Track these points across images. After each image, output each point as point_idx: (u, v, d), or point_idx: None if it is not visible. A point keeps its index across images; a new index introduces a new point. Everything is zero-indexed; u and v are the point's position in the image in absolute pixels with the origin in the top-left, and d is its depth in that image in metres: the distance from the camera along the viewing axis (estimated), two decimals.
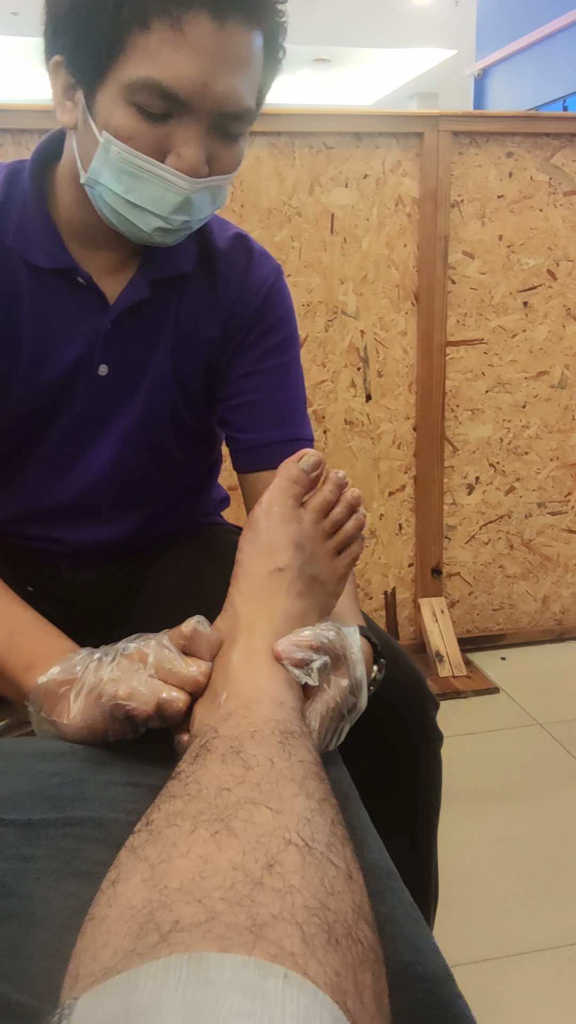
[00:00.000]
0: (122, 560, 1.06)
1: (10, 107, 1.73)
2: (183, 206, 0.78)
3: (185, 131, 0.75)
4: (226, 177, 0.80)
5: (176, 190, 0.77)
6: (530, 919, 1.32)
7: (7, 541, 1.02)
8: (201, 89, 0.72)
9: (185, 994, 0.33)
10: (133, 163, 0.75)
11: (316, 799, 0.49)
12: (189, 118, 0.74)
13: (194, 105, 0.73)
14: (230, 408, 0.97)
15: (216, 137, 0.77)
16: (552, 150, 2.01)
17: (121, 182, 0.77)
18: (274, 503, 0.73)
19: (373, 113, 1.96)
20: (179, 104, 0.73)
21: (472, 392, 2.11)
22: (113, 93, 0.73)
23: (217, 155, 0.78)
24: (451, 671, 2.09)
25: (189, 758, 0.53)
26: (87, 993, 0.36)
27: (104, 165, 0.77)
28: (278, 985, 0.34)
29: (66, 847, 0.54)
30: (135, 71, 0.71)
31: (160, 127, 0.74)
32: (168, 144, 0.75)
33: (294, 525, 0.72)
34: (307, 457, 0.74)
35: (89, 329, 0.89)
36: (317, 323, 1.98)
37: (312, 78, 10.46)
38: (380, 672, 0.75)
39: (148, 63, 0.71)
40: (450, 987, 0.49)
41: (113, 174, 0.77)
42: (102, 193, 0.80)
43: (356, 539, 0.77)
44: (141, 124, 0.74)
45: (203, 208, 0.81)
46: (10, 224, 0.86)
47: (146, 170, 0.76)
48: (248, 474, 0.97)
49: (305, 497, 0.75)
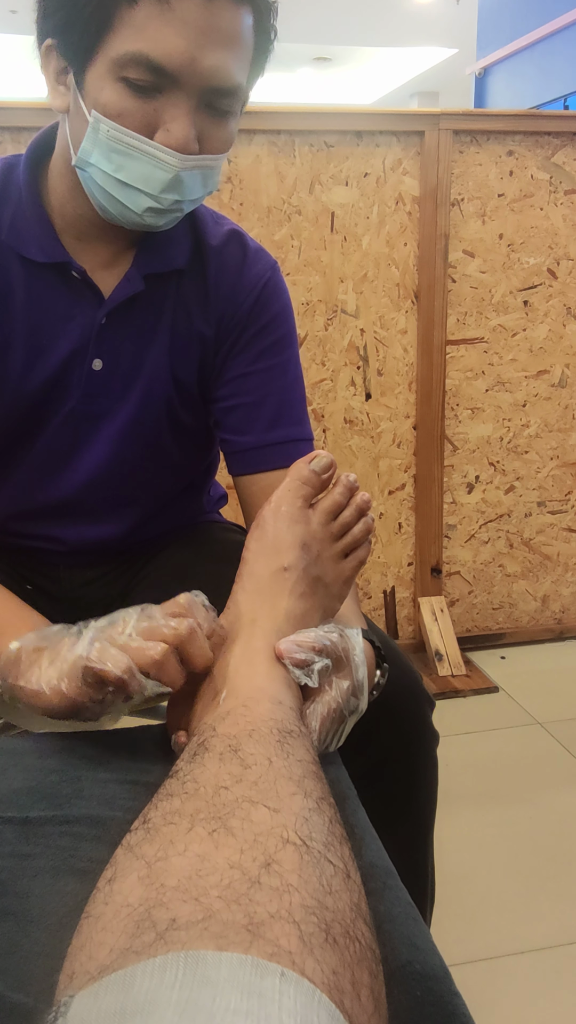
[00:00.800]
0: (120, 558, 1.06)
1: (8, 105, 1.73)
2: (173, 184, 0.78)
3: (174, 107, 0.74)
4: (216, 157, 0.80)
5: (165, 167, 0.76)
6: (528, 918, 1.32)
7: (5, 540, 1.02)
8: (189, 63, 0.72)
9: (182, 992, 0.33)
10: (122, 140, 0.75)
11: (314, 798, 0.48)
12: (178, 93, 0.74)
13: (182, 79, 0.73)
14: (226, 410, 0.96)
15: (206, 114, 0.77)
16: (553, 149, 2.01)
17: (111, 161, 0.77)
18: (283, 502, 0.73)
19: (374, 112, 1.96)
20: (167, 78, 0.72)
21: (472, 391, 2.11)
22: (102, 70, 0.74)
23: (207, 133, 0.78)
24: (450, 670, 2.09)
25: (187, 756, 0.53)
26: (83, 991, 0.35)
27: (94, 145, 0.77)
28: (275, 983, 0.34)
29: (63, 845, 0.54)
30: (123, 45, 0.71)
31: (149, 103, 0.74)
32: (157, 120, 0.75)
33: (302, 526, 0.72)
34: (319, 459, 0.74)
35: (83, 323, 0.88)
36: (317, 322, 1.98)
37: (312, 77, 10.45)
38: (383, 676, 0.75)
39: (136, 37, 0.71)
40: (448, 985, 0.48)
41: (103, 153, 0.77)
42: (93, 175, 0.79)
43: (363, 543, 0.77)
44: (130, 100, 0.74)
45: (194, 188, 0.80)
46: (4, 218, 0.86)
47: (135, 147, 0.75)
48: (245, 477, 0.95)
49: (315, 499, 0.74)
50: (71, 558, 1.03)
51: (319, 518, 0.73)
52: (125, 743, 0.67)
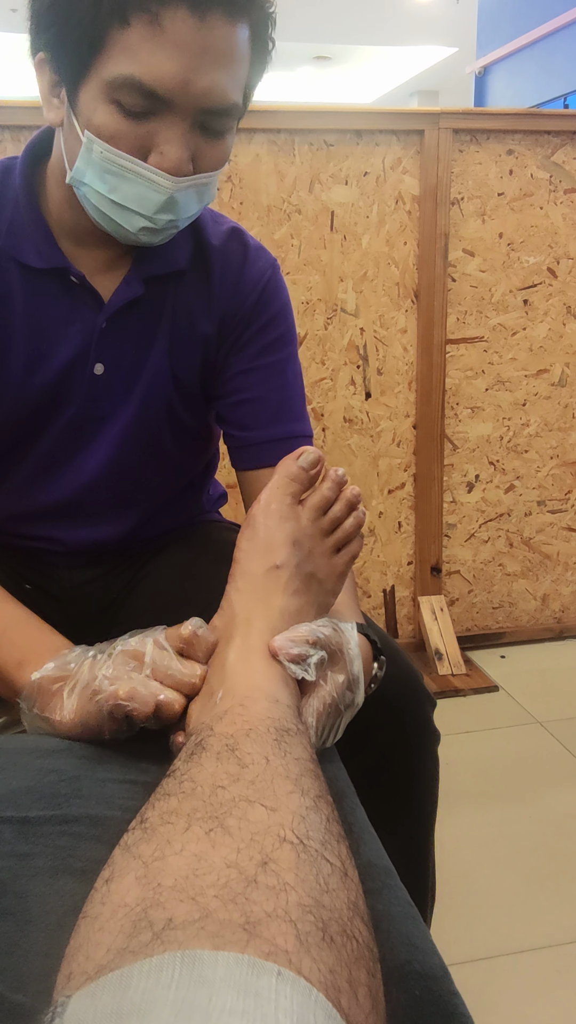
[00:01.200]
0: (119, 558, 1.06)
1: (8, 103, 1.73)
2: (167, 205, 0.77)
3: (167, 129, 0.73)
4: (211, 175, 0.79)
5: (159, 189, 0.75)
6: (528, 917, 1.32)
7: (5, 540, 1.02)
8: (182, 86, 0.70)
9: (178, 992, 0.33)
10: (116, 163, 0.74)
11: (311, 797, 0.48)
12: (171, 116, 0.73)
13: (175, 102, 0.71)
14: (228, 406, 0.97)
15: (200, 134, 0.76)
16: (553, 148, 2.01)
17: (105, 182, 0.76)
18: (272, 500, 0.73)
19: (373, 110, 1.96)
20: (160, 102, 0.71)
21: (472, 390, 2.11)
22: (95, 91, 0.72)
23: (202, 152, 0.77)
24: (450, 669, 2.09)
25: (184, 756, 0.53)
26: (80, 991, 0.35)
27: (88, 165, 0.76)
28: (271, 983, 0.34)
29: (62, 845, 0.54)
30: (115, 68, 0.70)
31: (142, 125, 0.73)
32: (151, 142, 0.74)
33: (292, 522, 0.72)
34: (306, 454, 0.74)
35: (83, 328, 0.88)
36: (317, 321, 1.98)
37: (312, 76, 10.45)
38: (381, 669, 0.75)
39: (128, 60, 0.69)
40: (447, 985, 0.48)
41: (97, 174, 0.76)
42: (87, 193, 0.79)
43: (355, 537, 0.76)
44: (123, 123, 0.73)
45: (189, 207, 0.80)
46: (1, 223, 0.85)
47: (129, 169, 0.75)
48: (247, 472, 0.97)
49: (304, 495, 0.74)
50: (70, 558, 1.03)
51: (309, 514, 0.73)
52: (123, 743, 0.67)
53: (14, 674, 0.71)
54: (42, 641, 0.74)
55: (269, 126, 1.85)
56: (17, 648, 0.73)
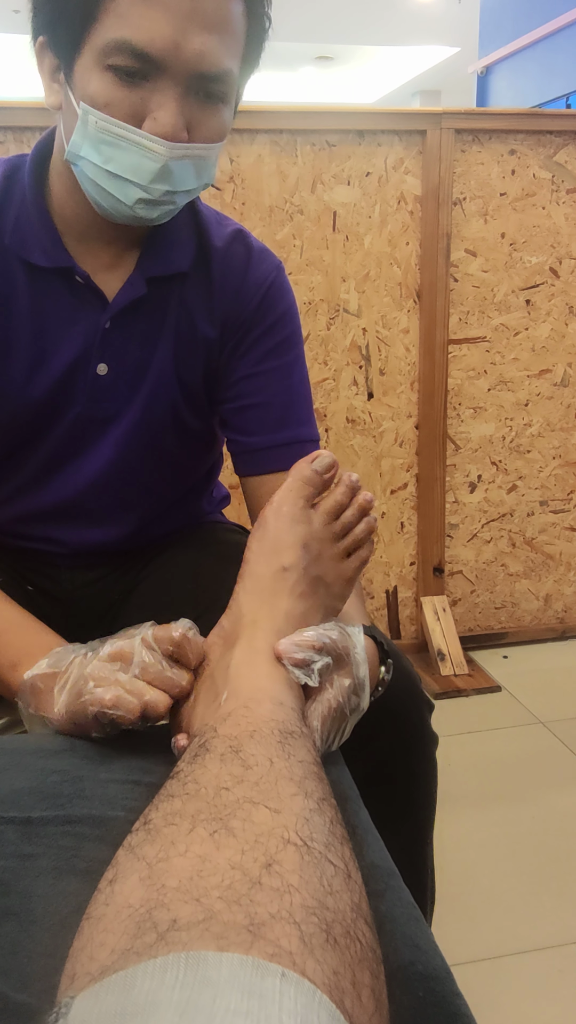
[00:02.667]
0: (122, 560, 1.05)
1: (11, 105, 1.73)
2: (162, 174, 0.77)
3: (161, 94, 0.73)
4: (208, 147, 0.78)
5: (154, 156, 0.75)
6: (531, 918, 1.32)
7: (7, 541, 1.02)
8: (173, 48, 0.71)
9: (182, 993, 0.33)
10: (110, 131, 0.75)
11: (315, 799, 0.48)
12: (164, 80, 0.73)
13: (167, 65, 0.72)
14: (232, 411, 0.96)
15: (195, 101, 0.76)
16: (555, 148, 2.01)
17: (100, 152, 0.76)
18: (284, 502, 0.73)
19: (375, 111, 1.96)
20: (152, 64, 0.72)
21: (474, 390, 2.11)
22: (89, 61, 0.73)
23: (197, 121, 0.76)
24: (453, 670, 2.09)
25: (188, 757, 0.53)
26: (84, 992, 0.36)
27: (84, 137, 0.76)
28: (275, 984, 0.34)
29: (65, 845, 0.54)
30: (108, 33, 0.71)
31: (136, 91, 0.73)
32: (144, 109, 0.74)
33: (303, 525, 0.72)
34: (321, 458, 0.74)
35: (87, 328, 0.88)
36: (319, 321, 1.98)
37: (314, 76, 10.44)
38: (388, 673, 0.74)
39: (120, 24, 0.70)
40: (450, 986, 0.48)
41: (92, 144, 0.76)
42: (84, 168, 0.79)
43: (366, 543, 0.76)
44: (117, 89, 0.73)
45: (185, 179, 0.79)
46: (7, 222, 0.85)
47: (123, 137, 0.75)
48: (251, 478, 0.96)
49: (316, 499, 0.74)
50: (72, 560, 1.03)
51: (320, 518, 0.73)
52: (127, 743, 0.67)
53: (9, 675, 0.72)
54: (37, 642, 0.74)
55: (271, 126, 1.85)
56: (12, 649, 0.73)
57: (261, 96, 0.83)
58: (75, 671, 0.67)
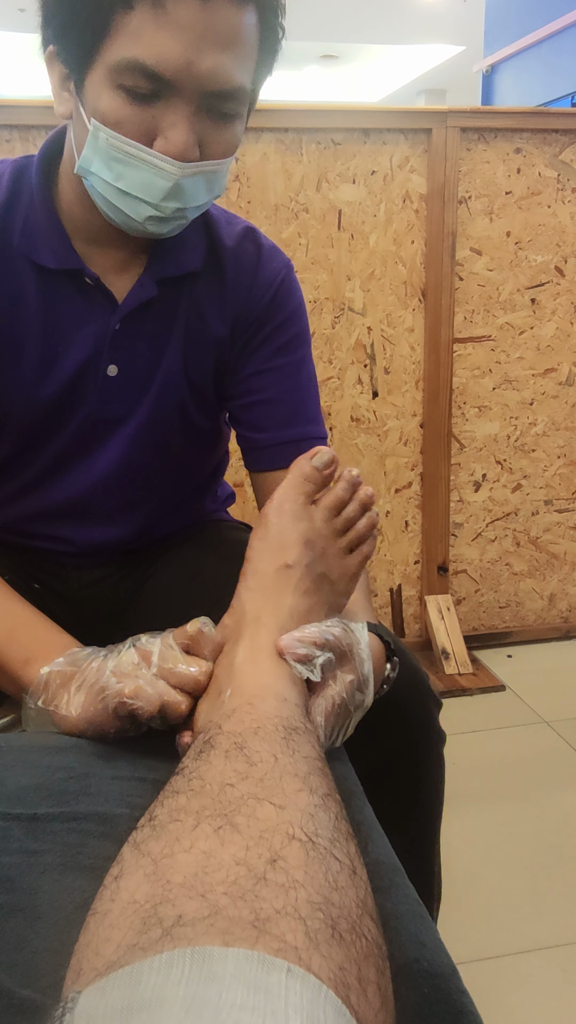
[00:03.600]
0: (128, 558, 1.06)
1: (17, 103, 1.73)
2: (174, 192, 0.76)
3: (172, 113, 0.73)
4: (220, 163, 0.78)
5: (165, 175, 0.75)
6: (536, 917, 1.32)
7: (14, 539, 1.02)
8: (185, 68, 0.70)
9: (188, 988, 0.33)
10: (121, 149, 0.74)
11: (320, 795, 0.48)
12: (176, 99, 0.72)
13: (179, 85, 0.71)
14: (241, 407, 0.96)
15: (207, 119, 0.75)
16: (561, 146, 2.00)
17: (111, 169, 0.76)
18: (285, 500, 0.73)
19: (381, 109, 1.95)
20: (164, 84, 0.71)
21: (479, 389, 2.11)
22: (100, 77, 0.72)
23: (209, 138, 0.76)
24: (457, 669, 2.08)
25: (193, 754, 0.53)
26: (90, 987, 0.36)
27: (94, 153, 0.76)
28: (281, 979, 0.34)
29: (71, 842, 0.54)
30: (119, 52, 0.70)
31: (147, 110, 0.73)
32: (155, 128, 0.73)
33: (305, 522, 0.72)
34: (320, 455, 0.74)
35: (97, 329, 0.88)
36: (324, 320, 1.98)
37: (319, 75, 10.43)
38: (394, 671, 0.74)
39: (132, 43, 0.69)
40: (455, 983, 0.48)
41: (103, 161, 0.76)
42: (94, 183, 0.78)
43: (368, 538, 0.76)
44: (128, 108, 0.72)
45: (197, 195, 0.79)
46: (16, 223, 0.85)
47: (133, 155, 0.74)
48: (260, 473, 0.97)
49: (318, 495, 0.74)
50: (79, 558, 1.03)
51: (322, 514, 0.73)
52: (132, 740, 0.67)
53: (20, 671, 0.71)
54: (49, 640, 0.74)
55: (276, 125, 1.85)
56: (24, 647, 0.73)
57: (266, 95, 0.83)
58: (93, 672, 0.67)
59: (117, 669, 0.65)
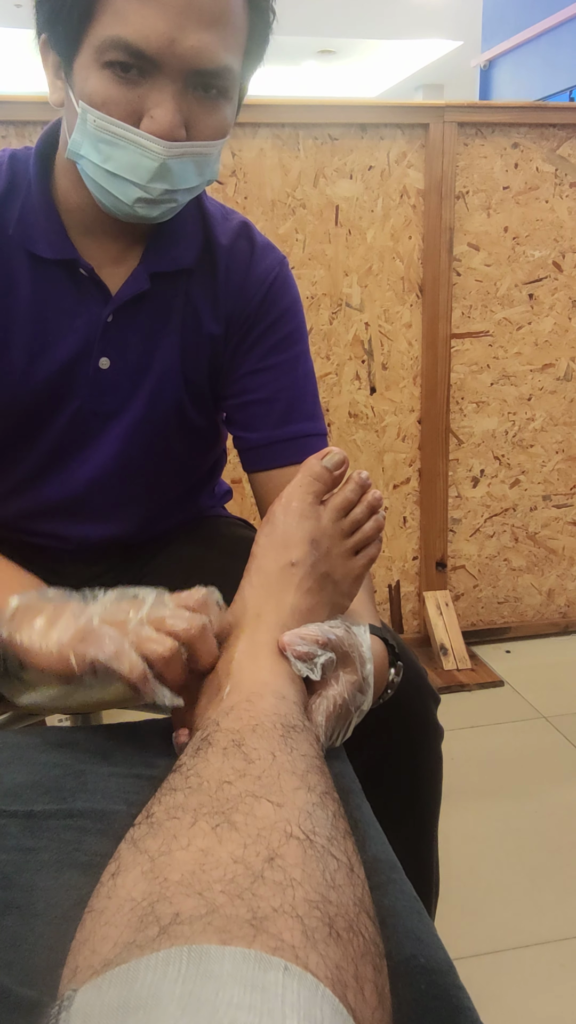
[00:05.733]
0: (126, 553, 1.06)
1: (13, 99, 1.73)
2: (161, 173, 0.76)
3: (158, 92, 0.72)
4: (208, 144, 0.77)
5: (151, 155, 0.74)
6: (533, 912, 1.32)
7: (10, 535, 1.02)
8: (169, 45, 0.70)
9: (185, 986, 0.33)
10: (108, 130, 0.74)
11: (318, 792, 0.48)
12: (161, 78, 0.72)
13: (163, 63, 0.71)
14: (237, 407, 0.96)
15: (194, 98, 0.75)
16: (558, 141, 2.00)
17: (99, 151, 0.76)
18: (293, 498, 0.73)
19: (378, 104, 1.95)
20: (148, 62, 0.71)
21: (477, 385, 2.11)
22: (87, 59, 0.73)
23: (196, 118, 0.75)
24: (456, 664, 2.09)
25: (191, 751, 0.53)
26: (86, 985, 0.36)
27: (83, 136, 0.76)
28: (278, 978, 0.34)
29: (67, 839, 0.54)
30: (104, 31, 0.70)
31: (133, 90, 0.72)
32: (142, 107, 0.73)
33: (311, 521, 0.72)
34: (331, 455, 0.74)
35: (89, 320, 0.88)
36: (321, 315, 1.97)
37: (317, 70, 10.41)
38: (398, 675, 0.74)
39: (116, 22, 0.70)
40: (452, 979, 0.48)
41: (92, 144, 0.76)
42: (84, 166, 0.79)
43: (374, 540, 0.76)
44: (114, 88, 0.72)
45: (186, 177, 0.78)
46: (12, 213, 0.85)
47: (120, 136, 0.74)
48: (259, 473, 0.96)
49: (326, 495, 0.74)
50: (75, 555, 1.03)
51: (329, 515, 0.73)
52: (129, 737, 0.67)
53: None
54: (19, 579, 0.74)
55: (273, 120, 1.84)
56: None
57: (263, 90, 0.82)
58: (72, 608, 0.62)
59: (104, 613, 0.61)
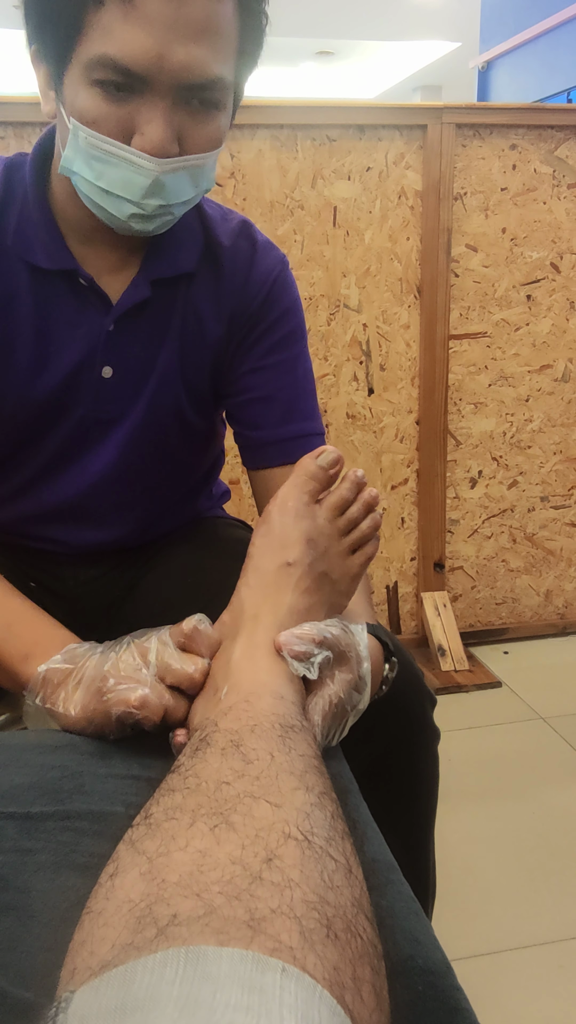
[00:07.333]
0: (124, 556, 1.05)
1: (11, 100, 1.72)
2: (154, 189, 0.75)
3: (149, 109, 0.71)
4: (202, 156, 0.76)
5: (144, 172, 0.73)
6: (531, 913, 1.32)
7: (9, 539, 1.01)
8: (156, 61, 0.69)
9: (182, 988, 0.33)
10: (99, 147, 0.73)
11: (316, 793, 0.48)
12: (150, 94, 0.71)
13: (152, 79, 0.70)
14: (238, 405, 0.96)
15: (185, 113, 0.73)
16: (556, 142, 2.00)
17: (91, 168, 0.75)
18: (289, 498, 0.72)
19: (376, 105, 1.95)
20: (137, 79, 0.70)
21: (475, 386, 2.11)
22: (76, 76, 0.71)
23: (189, 132, 0.74)
24: (453, 665, 2.09)
25: (189, 752, 0.53)
26: (84, 986, 0.35)
27: (75, 153, 0.75)
28: (276, 979, 0.34)
29: (65, 840, 0.54)
30: (92, 49, 0.69)
31: (123, 107, 0.71)
32: (133, 124, 0.72)
33: (308, 521, 0.72)
34: (326, 454, 0.73)
35: (91, 331, 0.87)
36: (319, 316, 1.97)
37: (315, 71, 10.41)
38: (392, 671, 0.74)
39: (103, 39, 0.68)
40: (450, 980, 0.48)
41: (84, 160, 0.75)
42: (78, 183, 0.78)
43: (371, 539, 0.76)
44: (104, 105, 0.71)
45: (181, 191, 0.77)
46: (9, 223, 0.84)
47: (112, 153, 0.73)
48: (258, 471, 0.96)
49: (322, 494, 0.74)
50: (74, 558, 1.03)
51: (325, 514, 0.73)
52: (127, 739, 0.67)
53: (19, 667, 0.71)
54: (48, 635, 0.74)
55: (271, 121, 1.84)
56: (23, 641, 0.72)
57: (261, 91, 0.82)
58: (91, 669, 0.66)
59: (114, 670, 0.65)
